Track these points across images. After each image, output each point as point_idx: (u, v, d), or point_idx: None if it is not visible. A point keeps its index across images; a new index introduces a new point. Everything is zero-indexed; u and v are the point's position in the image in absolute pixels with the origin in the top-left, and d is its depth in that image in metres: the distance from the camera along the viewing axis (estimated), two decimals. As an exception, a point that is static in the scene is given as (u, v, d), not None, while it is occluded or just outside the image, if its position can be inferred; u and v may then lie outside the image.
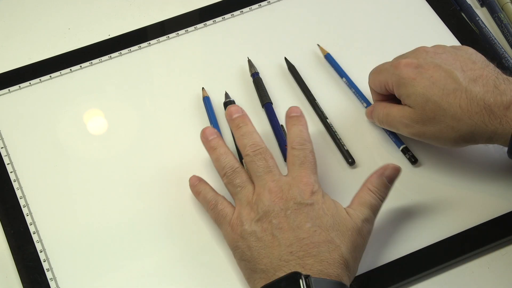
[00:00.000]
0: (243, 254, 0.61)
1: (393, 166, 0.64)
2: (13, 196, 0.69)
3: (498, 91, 0.62)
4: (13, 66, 0.77)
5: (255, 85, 0.75)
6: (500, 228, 0.66)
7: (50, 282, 0.64)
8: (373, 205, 0.62)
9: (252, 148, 0.64)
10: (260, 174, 0.63)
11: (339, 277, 0.58)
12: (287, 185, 0.62)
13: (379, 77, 0.68)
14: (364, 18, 0.80)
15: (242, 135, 0.66)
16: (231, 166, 0.64)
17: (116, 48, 0.78)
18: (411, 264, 0.65)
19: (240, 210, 0.62)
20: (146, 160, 0.71)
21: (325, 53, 0.76)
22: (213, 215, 0.65)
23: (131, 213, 0.68)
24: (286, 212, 0.60)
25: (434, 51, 0.66)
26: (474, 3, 0.83)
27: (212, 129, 0.68)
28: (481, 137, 0.63)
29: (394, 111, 0.67)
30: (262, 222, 0.60)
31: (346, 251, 0.59)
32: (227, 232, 0.62)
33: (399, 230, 0.66)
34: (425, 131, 0.64)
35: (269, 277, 0.58)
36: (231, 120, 0.67)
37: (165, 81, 0.76)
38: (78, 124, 0.73)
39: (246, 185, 0.63)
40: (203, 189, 0.66)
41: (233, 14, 0.80)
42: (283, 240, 0.59)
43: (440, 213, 0.67)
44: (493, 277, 0.65)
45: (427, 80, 0.63)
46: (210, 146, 0.67)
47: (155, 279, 0.64)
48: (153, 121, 0.73)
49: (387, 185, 0.63)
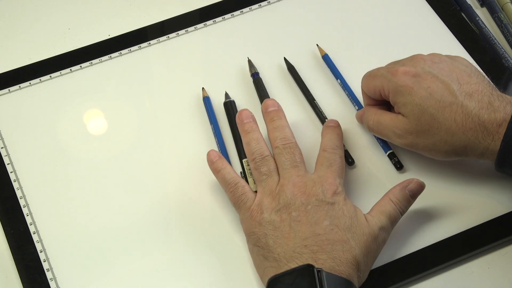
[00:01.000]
0: (258, 241, 0.61)
1: (417, 181, 0.64)
2: (13, 196, 0.69)
3: (492, 108, 0.62)
4: (13, 66, 0.77)
5: (255, 85, 0.75)
6: (500, 228, 0.66)
7: (50, 282, 0.64)
8: (392, 215, 0.63)
9: (282, 141, 0.65)
10: (287, 167, 0.64)
11: (350, 276, 0.58)
12: (311, 182, 0.62)
13: (374, 82, 0.67)
14: (364, 18, 0.80)
15: (275, 127, 0.66)
16: (261, 153, 0.65)
17: (116, 48, 0.78)
18: (411, 264, 0.65)
19: (262, 198, 0.63)
20: (146, 160, 0.71)
21: (323, 54, 0.76)
22: (232, 198, 0.65)
23: (131, 213, 0.68)
24: (307, 207, 0.61)
25: (431, 59, 0.66)
26: (474, 3, 0.83)
27: (249, 112, 0.68)
28: (473, 152, 0.63)
29: (386, 119, 0.66)
30: (281, 213, 0.61)
31: (360, 254, 0.59)
32: (246, 217, 0.63)
33: (399, 231, 0.66)
34: (418, 142, 0.64)
35: (281, 267, 0.58)
36: (266, 113, 0.68)
37: (165, 81, 0.76)
38: (78, 124, 0.73)
39: (272, 174, 0.64)
40: (223, 168, 0.66)
41: (233, 14, 0.80)
42: (299, 233, 0.59)
43: (440, 213, 0.67)
44: (493, 277, 0.65)
45: (425, 91, 0.63)
46: (244, 129, 0.67)
47: (155, 279, 0.64)
48: (153, 121, 0.73)
49: (409, 200, 0.64)
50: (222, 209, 0.68)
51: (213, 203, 0.68)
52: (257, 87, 0.74)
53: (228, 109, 0.73)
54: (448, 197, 0.68)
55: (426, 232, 0.66)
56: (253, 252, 0.62)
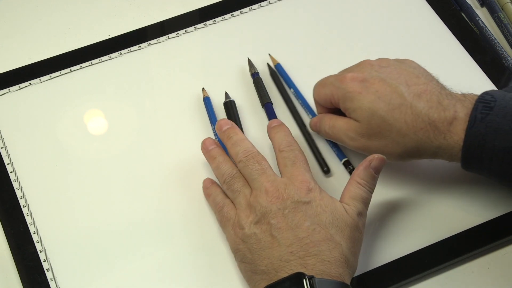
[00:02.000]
0: (244, 257, 0.61)
1: (378, 156, 0.63)
2: (13, 196, 0.69)
3: (442, 106, 0.62)
4: (13, 66, 0.77)
5: (255, 85, 0.75)
6: (500, 228, 0.66)
7: (50, 282, 0.64)
8: (364, 198, 0.62)
9: (244, 154, 0.65)
10: (255, 176, 0.63)
11: (341, 276, 0.58)
12: (283, 185, 0.62)
13: (324, 91, 0.67)
14: (364, 18, 0.80)
15: (233, 144, 0.66)
16: (229, 173, 0.65)
17: (116, 48, 0.78)
18: (411, 264, 0.65)
19: (239, 214, 0.62)
20: (146, 160, 0.71)
21: (276, 63, 0.76)
22: (218, 217, 0.65)
23: (131, 213, 0.68)
24: (284, 211, 0.60)
25: (378, 64, 0.66)
26: (474, 3, 0.83)
27: (211, 139, 0.68)
28: (426, 152, 0.63)
29: (339, 123, 0.67)
30: (261, 224, 0.60)
31: (346, 248, 0.59)
32: (230, 234, 0.63)
33: (399, 230, 0.66)
34: (370, 145, 0.65)
35: (271, 278, 0.58)
36: (222, 132, 0.67)
37: (165, 81, 0.76)
38: (78, 124, 0.73)
39: (244, 189, 0.64)
40: (214, 192, 0.66)
41: (233, 14, 0.80)
42: (283, 240, 0.59)
43: (440, 213, 0.67)
44: (493, 277, 0.65)
45: (373, 95, 0.64)
46: (210, 156, 0.67)
47: (155, 279, 0.64)
48: (153, 121, 0.73)
49: (375, 176, 0.63)
50: (222, 209, 0.68)
51: (213, 203, 0.68)
52: (257, 87, 0.74)
53: (228, 109, 0.73)
54: (448, 197, 0.68)
55: (426, 232, 0.66)
56: (241, 269, 0.62)
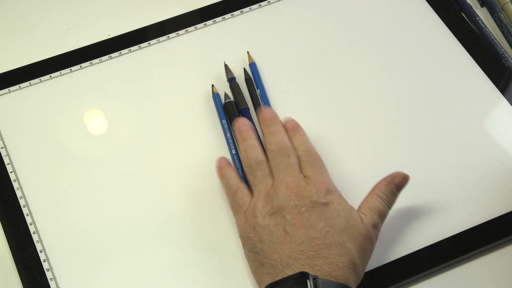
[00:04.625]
0: (253, 246, 0.60)
1: (402, 174, 0.64)
2: (13, 196, 0.69)
3: None
4: (13, 66, 0.77)
5: (231, 90, 0.74)
6: (500, 228, 0.66)
7: (50, 282, 0.64)
8: (381, 211, 0.63)
9: (277, 145, 0.65)
10: (280, 169, 0.63)
11: (347, 280, 0.58)
12: (304, 182, 0.62)
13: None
14: (364, 18, 0.80)
15: (272, 132, 0.66)
16: (255, 158, 0.65)
17: (116, 48, 0.78)
18: (411, 264, 0.65)
19: (256, 202, 0.62)
20: (146, 160, 0.71)
21: (251, 61, 0.76)
22: (231, 202, 0.65)
23: (131, 213, 0.68)
24: (301, 209, 0.60)
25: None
26: (474, 3, 0.83)
27: (246, 120, 0.68)
28: None
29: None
30: (275, 216, 0.60)
31: (356, 256, 0.59)
32: (241, 221, 0.62)
33: (399, 230, 0.66)
34: None
35: (277, 273, 0.58)
36: (263, 120, 0.67)
37: (165, 81, 0.76)
38: (78, 124, 0.73)
39: (267, 178, 0.63)
40: (228, 173, 0.66)
41: (233, 14, 0.80)
42: (295, 238, 0.59)
43: (440, 213, 0.67)
44: (493, 277, 0.65)
45: None
46: (241, 136, 0.67)
47: (155, 279, 0.65)
48: (153, 121, 0.73)
49: (395, 193, 0.64)
50: (223, 209, 0.68)
51: (214, 203, 0.68)
52: (233, 93, 0.74)
53: (228, 110, 0.73)
54: (448, 198, 0.68)
55: (426, 231, 0.66)
56: (249, 258, 0.62)
